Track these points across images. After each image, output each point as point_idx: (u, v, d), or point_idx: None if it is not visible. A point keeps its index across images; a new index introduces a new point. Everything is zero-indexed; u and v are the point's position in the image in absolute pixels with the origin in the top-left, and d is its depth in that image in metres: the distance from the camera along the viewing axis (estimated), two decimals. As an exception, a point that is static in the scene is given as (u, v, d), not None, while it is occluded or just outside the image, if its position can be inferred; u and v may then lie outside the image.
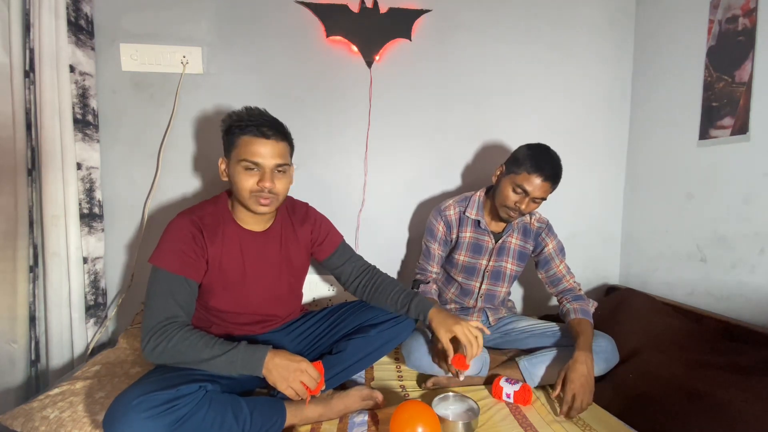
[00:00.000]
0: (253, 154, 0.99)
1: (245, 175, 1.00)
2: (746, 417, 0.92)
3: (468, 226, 1.40)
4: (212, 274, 1.05)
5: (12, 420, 0.93)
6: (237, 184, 1.02)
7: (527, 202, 1.24)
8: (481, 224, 1.37)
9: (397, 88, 1.65)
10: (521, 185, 1.23)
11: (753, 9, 1.28)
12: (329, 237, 1.23)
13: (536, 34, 1.71)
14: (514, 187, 1.25)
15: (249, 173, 1.00)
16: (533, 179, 1.22)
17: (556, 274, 1.40)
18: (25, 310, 1.29)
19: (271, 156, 1.01)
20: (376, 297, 1.20)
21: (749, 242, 1.31)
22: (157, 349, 0.91)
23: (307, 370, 0.94)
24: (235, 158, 1.01)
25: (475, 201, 1.39)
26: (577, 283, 1.40)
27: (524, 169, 1.23)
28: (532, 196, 1.23)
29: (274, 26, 1.57)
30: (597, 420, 1.06)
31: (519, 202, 1.25)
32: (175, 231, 1.01)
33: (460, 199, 1.43)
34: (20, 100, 1.25)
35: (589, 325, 1.26)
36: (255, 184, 1.00)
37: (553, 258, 1.40)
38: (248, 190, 1.01)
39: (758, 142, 1.28)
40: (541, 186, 1.22)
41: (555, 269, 1.40)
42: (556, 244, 1.41)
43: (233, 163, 1.02)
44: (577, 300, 1.33)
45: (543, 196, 1.25)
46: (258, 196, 1.01)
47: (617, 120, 1.81)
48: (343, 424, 1.03)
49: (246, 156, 0.99)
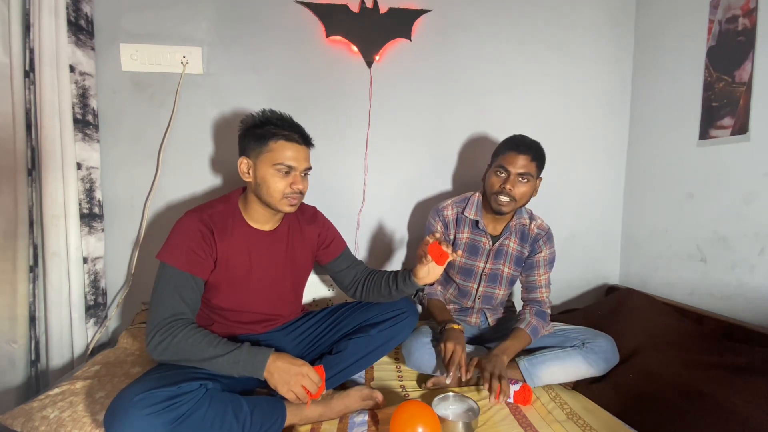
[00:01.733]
0: (290, 158, 1.04)
1: (278, 178, 1.04)
2: (746, 417, 0.92)
3: (465, 227, 1.40)
4: (219, 272, 1.05)
5: (12, 420, 0.93)
6: (269, 186, 1.04)
7: (512, 180, 1.25)
8: (479, 224, 1.37)
9: (397, 88, 1.65)
10: (502, 165, 1.26)
11: (753, 9, 1.28)
12: (335, 241, 1.25)
13: (536, 34, 1.71)
14: (497, 170, 1.28)
15: (282, 176, 1.04)
16: (511, 156, 1.25)
17: (534, 282, 1.39)
18: (25, 310, 1.28)
19: (304, 160, 1.07)
20: (372, 291, 1.20)
21: (749, 242, 1.31)
22: (161, 345, 0.92)
23: (309, 374, 0.94)
24: (267, 161, 1.03)
25: (474, 201, 1.39)
26: (549, 300, 1.38)
27: (502, 152, 1.29)
28: (516, 173, 1.25)
29: (274, 26, 1.57)
30: (597, 420, 1.06)
31: (504, 183, 1.26)
32: (185, 228, 1.02)
33: (459, 200, 1.42)
34: (20, 100, 1.25)
35: (527, 339, 1.26)
36: (288, 186, 1.04)
37: (539, 266, 1.38)
38: (281, 191, 1.04)
39: (758, 142, 1.28)
40: (521, 160, 1.24)
41: (536, 277, 1.38)
42: (548, 254, 1.39)
43: (264, 165, 1.04)
44: (538, 316, 1.31)
45: (527, 171, 1.25)
46: (290, 197, 1.05)
47: (617, 120, 1.81)
48: (343, 424, 1.03)
49: (282, 160, 1.03)
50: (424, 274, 1.09)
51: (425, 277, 1.09)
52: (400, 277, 1.14)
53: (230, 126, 1.56)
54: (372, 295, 1.21)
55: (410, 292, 1.16)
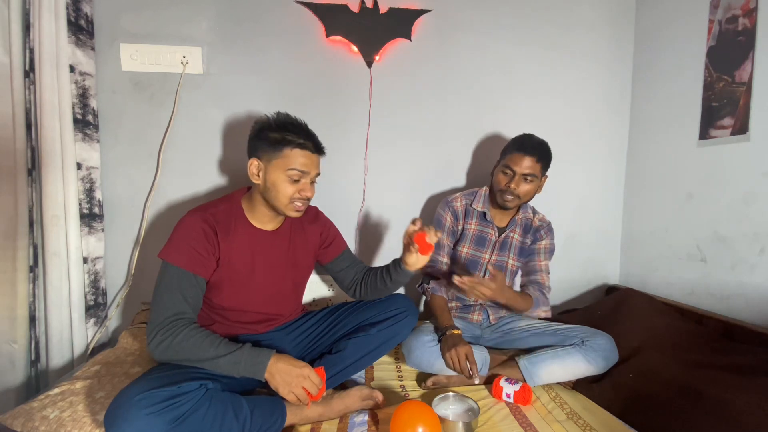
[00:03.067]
0: (303, 165, 1.05)
1: (288, 184, 1.05)
2: (746, 417, 0.92)
3: (474, 218, 1.44)
4: (221, 271, 1.06)
5: (12, 420, 0.93)
6: (279, 191, 1.05)
7: (517, 180, 1.31)
8: (487, 216, 1.42)
9: (397, 88, 1.66)
10: (508, 165, 1.32)
11: (753, 9, 1.28)
12: (336, 240, 1.27)
13: (536, 34, 1.71)
14: (504, 169, 1.34)
15: (292, 182, 1.05)
16: (517, 157, 1.31)
17: (535, 266, 1.45)
18: (25, 310, 1.28)
19: (315, 167, 1.09)
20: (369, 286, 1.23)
21: (749, 242, 1.31)
22: (162, 344, 0.92)
23: (310, 376, 0.95)
24: (280, 166, 1.04)
25: (481, 195, 1.45)
26: (549, 286, 1.44)
27: (509, 152, 1.34)
28: (520, 173, 1.30)
29: (274, 26, 1.57)
30: (597, 420, 1.06)
31: (509, 182, 1.32)
32: (187, 228, 1.02)
33: (467, 193, 1.48)
34: (20, 100, 1.25)
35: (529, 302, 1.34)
36: (296, 191, 1.06)
37: (539, 253, 1.45)
38: (289, 197, 1.06)
39: (758, 142, 1.28)
40: (526, 162, 1.30)
41: (536, 262, 1.45)
42: (548, 244, 1.46)
43: (276, 170, 1.04)
44: (539, 292, 1.39)
45: (531, 173, 1.30)
46: (296, 202, 1.07)
47: (617, 120, 1.81)
48: (343, 424, 1.03)
49: (296, 167, 1.04)
50: (413, 261, 1.12)
51: (415, 264, 1.13)
52: (392, 268, 1.17)
53: (231, 126, 1.56)
54: (370, 292, 1.23)
55: (405, 280, 1.18)
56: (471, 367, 1.17)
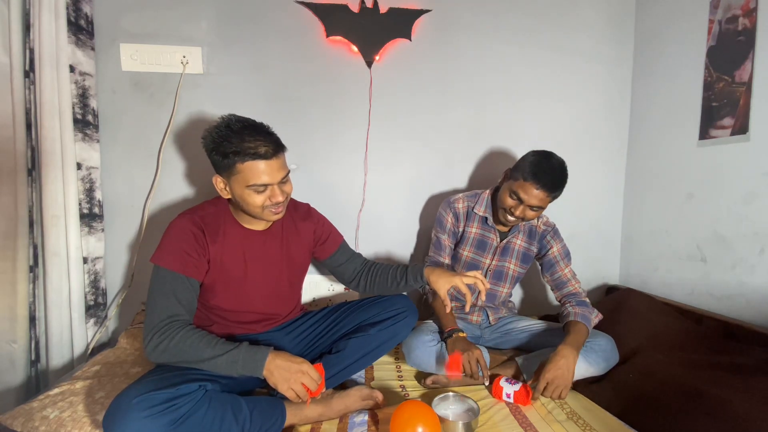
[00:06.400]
0: (260, 178, 0.98)
1: (255, 196, 1.00)
2: (746, 417, 0.92)
3: (475, 222, 1.41)
4: (214, 273, 1.05)
5: (12, 420, 0.93)
6: (248, 203, 1.01)
7: (522, 209, 1.24)
8: (489, 221, 1.39)
9: (397, 88, 1.65)
10: (516, 192, 1.24)
11: (753, 9, 1.28)
12: (332, 236, 1.25)
13: (536, 35, 1.71)
14: (510, 192, 1.26)
15: (258, 193, 1.00)
16: (528, 187, 1.22)
17: (561, 278, 1.38)
18: (25, 310, 1.28)
19: (278, 171, 1.00)
20: (377, 283, 1.22)
21: (749, 242, 1.31)
22: (159, 347, 0.91)
23: (308, 371, 0.94)
24: (239, 183, 0.98)
25: (484, 199, 1.41)
26: (583, 290, 1.37)
27: (522, 176, 1.23)
28: (527, 204, 1.23)
29: (274, 26, 1.57)
30: (597, 420, 1.06)
31: (513, 208, 1.25)
32: (177, 230, 1.02)
33: (470, 195, 1.45)
34: (20, 100, 1.25)
35: (584, 329, 1.22)
36: (266, 199, 1.01)
37: (558, 261, 1.39)
38: (260, 206, 1.01)
39: (758, 142, 1.28)
40: (536, 195, 1.21)
41: (560, 272, 1.38)
42: (561, 248, 1.40)
43: (237, 185, 0.99)
44: (580, 305, 1.29)
45: (539, 205, 1.24)
46: (271, 208, 1.03)
47: (617, 120, 1.81)
48: (343, 424, 1.03)
49: (254, 181, 0.97)
50: (435, 279, 1.11)
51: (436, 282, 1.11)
52: (410, 274, 1.16)
53: (230, 126, 1.56)
54: (377, 287, 1.22)
55: (416, 288, 1.18)
56: (483, 371, 1.16)
